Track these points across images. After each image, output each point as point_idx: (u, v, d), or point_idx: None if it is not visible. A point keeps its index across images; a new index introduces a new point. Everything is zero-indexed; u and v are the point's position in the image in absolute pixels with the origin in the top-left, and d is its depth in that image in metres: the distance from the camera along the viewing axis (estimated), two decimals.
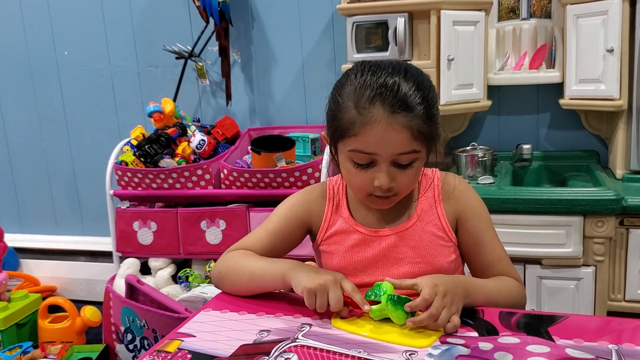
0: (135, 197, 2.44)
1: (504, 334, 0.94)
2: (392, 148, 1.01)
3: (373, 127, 1.00)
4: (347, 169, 1.07)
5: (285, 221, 1.19)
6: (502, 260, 1.15)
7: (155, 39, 2.65)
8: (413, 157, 1.04)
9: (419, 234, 1.13)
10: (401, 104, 1.00)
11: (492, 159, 2.11)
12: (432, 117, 1.04)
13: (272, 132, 2.48)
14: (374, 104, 1.00)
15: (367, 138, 1.01)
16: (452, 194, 1.16)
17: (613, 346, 0.88)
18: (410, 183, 1.08)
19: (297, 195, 1.23)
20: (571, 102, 2.04)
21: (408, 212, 1.15)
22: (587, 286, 1.85)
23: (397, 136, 1.00)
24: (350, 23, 2.11)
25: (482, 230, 1.15)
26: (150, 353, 0.94)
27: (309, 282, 0.98)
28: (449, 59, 2.02)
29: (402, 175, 1.05)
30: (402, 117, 1.00)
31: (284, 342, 0.94)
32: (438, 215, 1.14)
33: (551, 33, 2.15)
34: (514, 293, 1.11)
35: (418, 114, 1.01)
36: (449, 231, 1.14)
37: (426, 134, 1.03)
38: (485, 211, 1.17)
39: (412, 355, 0.88)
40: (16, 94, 2.95)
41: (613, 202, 1.76)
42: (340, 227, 1.17)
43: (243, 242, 1.20)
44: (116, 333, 2.24)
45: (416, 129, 1.01)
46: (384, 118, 0.99)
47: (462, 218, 1.15)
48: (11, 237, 3.00)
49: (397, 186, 1.06)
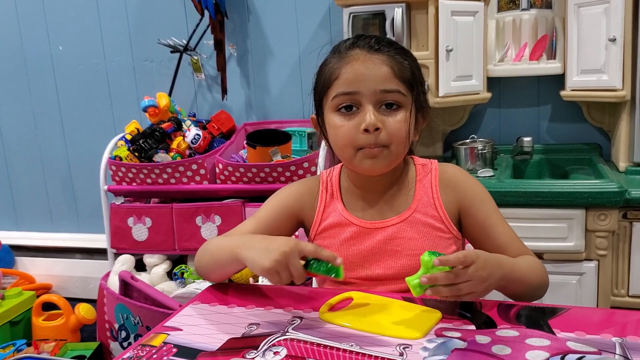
0: (130, 193, 2.41)
1: (502, 326, 0.90)
2: (373, 83, 1.02)
3: (353, 65, 1.03)
4: (333, 124, 1.06)
5: (276, 212, 1.16)
6: (515, 241, 1.11)
7: (150, 33, 2.61)
8: (398, 98, 1.03)
9: (416, 225, 1.09)
10: (378, 42, 1.04)
11: (492, 152, 2.07)
12: (414, 67, 1.07)
13: (269, 126, 2.45)
14: (352, 47, 1.05)
15: (348, 76, 1.03)
16: (450, 183, 1.12)
17: (617, 339, 0.84)
18: (398, 131, 1.03)
19: (289, 187, 1.20)
20: (573, 93, 2.00)
21: (405, 203, 1.12)
22: (590, 281, 1.81)
23: (378, 70, 1.02)
24: (346, 14, 2.07)
25: (488, 213, 1.11)
26: (135, 347, 0.91)
27: (265, 262, 0.91)
28: (447, 50, 1.99)
29: (390, 120, 1.03)
30: (381, 54, 1.04)
31: (273, 336, 0.90)
32: (435, 205, 1.10)
33: (552, 23, 2.11)
34: (540, 271, 1.06)
35: (398, 54, 1.05)
36: (448, 222, 1.10)
37: (409, 77, 1.04)
38: (487, 195, 1.13)
39: (406, 348, 0.84)
40: (11, 89, 2.92)
41: (616, 195, 1.72)
42: (334, 220, 1.13)
43: (232, 232, 1.16)
44: (110, 330, 2.21)
45: (397, 67, 1.03)
46: (362, 55, 1.03)
47: (464, 206, 1.11)
48: (6, 234, 2.98)
49: (386, 133, 1.02)
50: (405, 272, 1.08)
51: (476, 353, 0.82)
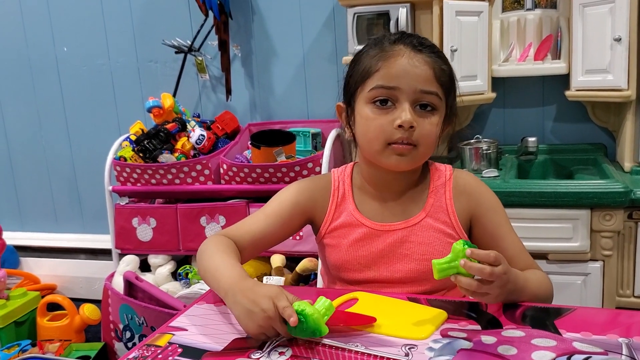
0: (134, 193, 2.41)
1: (508, 327, 0.90)
2: (415, 82, 1.01)
3: (396, 59, 1.03)
4: (366, 116, 1.05)
5: (286, 208, 1.13)
6: (523, 253, 1.11)
7: (155, 34, 2.62)
8: (434, 101, 1.03)
9: (427, 230, 1.09)
10: (422, 44, 1.04)
11: (496, 152, 2.06)
12: (452, 75, 1.08)
13: (273, 127, 2.45)
14: (397, 43, 1.05)
15: (390, 70, 1.02)
16: (464, 191, 1.12)
17: (623, 339, 0.84)
18: (430, 133, 1.04)
19: (300, 183, 1.18)
20: (577, 93, 2.00)
21: (417, 206, 1.11)
22: (595, 282, 1.80)
23: (421, 70, 1.02)
24: (351, 14, 2.07)
25: (499, 224, 1.11)
26: (140, 347, 0.91)
27: (250, 327, 0.89)
28: (452, 50, 1.98)
29: (424, 121, 1.03)
30: (425, 55, 1.03)
31: (278, 336, 0.90)
32: (448, 211, 1.10)
33: (557, 23, 2.10)
34: (549, 287, 1.07)
35: (440, 57, 1.05)
36: (459, 229, 1.10)
37: (447, 82, 1.05)
38: (500, 205, 1.14)
39: (411, 349, 0.84)
40: (15, 90, 2.92)
41: (621, 195, 1.71)
42: (344, 220, 1.12)
43: (239, 227, 1.14)
44: (115, 331, 2.21)
45: (439, 70, 1.03)
46: (407, 52, 1.03)
47: (477, 214, 1.11)
48: (11, 235, 2.98)
49: (418, 133, 1.02)
50: (413, 276, 1.08)
51: (482, 353, 0.82)
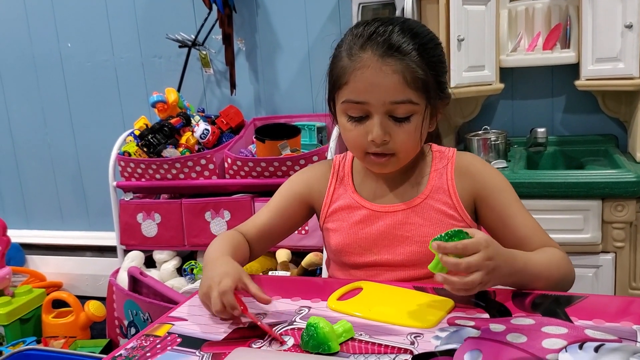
0: (139, 189, 2.39)
1: (517, 315, 0.87)
2: (383, 95, 0.96)
3: (363, 72, 0.96)
4: (343, 124, 1.03)
5: (287, 200, 1.15)
6: (537, 232, 1.05)
7: (159, 28, 2.60)
8: (409, 109, 0.98)
9: (428, 211, 1.06)
10: (391, 47, 0.95)
11: (505, 143, 2.03)
12: (432, 66, 0.98)
13: (278, 121, 2.42)
14: (364, 49, 0.97)
15: (357, 84, 0.97)
16: (467, 172, 1.08)
17: (638, 327, 0.80)
18: (408, 141, 1.00)
19: (299, 174, 1.19)
20: (587, 83, 1.95)
21: (418, 187, 1.09)
22: (607, 273, 1.76)
23: (388, 81, 0.95)
24: (355, 4, 2.05)
25: (507, 203, 1.06)
26: (138, 337, 0.89)
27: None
28: (459, 40, 1.95)
29: (399, 130, 0.99)
30: (392, 61, 0.95)
31: (280, 325, 0.88)
32: (450, 192, 1.07)
33: (566, 12, 2.06)
34: (563, 265, 1.00)
35: (412, 59, 0.96)
36: (461, 210, 1.06)
37: (423, 83, 0.97)
38: (507, 184, 1.08)
39: (417, 337, 0.81)
40: (20, 87, 2.91)
41: (633, 185, 1.67)
42: (344, 203, 1.11)
43: (247, 222, 1.17)
44: (120, 327, 2.19)
45: (410, 75, 0.96)
46: (374, 62, 0.96)
47: (481, 195, 1.07)
48: (17, 232, 2.97)
49: (394, 143, 0.99)
50: (415, 259, 1.05)
51: (490, 341, 0.79)
